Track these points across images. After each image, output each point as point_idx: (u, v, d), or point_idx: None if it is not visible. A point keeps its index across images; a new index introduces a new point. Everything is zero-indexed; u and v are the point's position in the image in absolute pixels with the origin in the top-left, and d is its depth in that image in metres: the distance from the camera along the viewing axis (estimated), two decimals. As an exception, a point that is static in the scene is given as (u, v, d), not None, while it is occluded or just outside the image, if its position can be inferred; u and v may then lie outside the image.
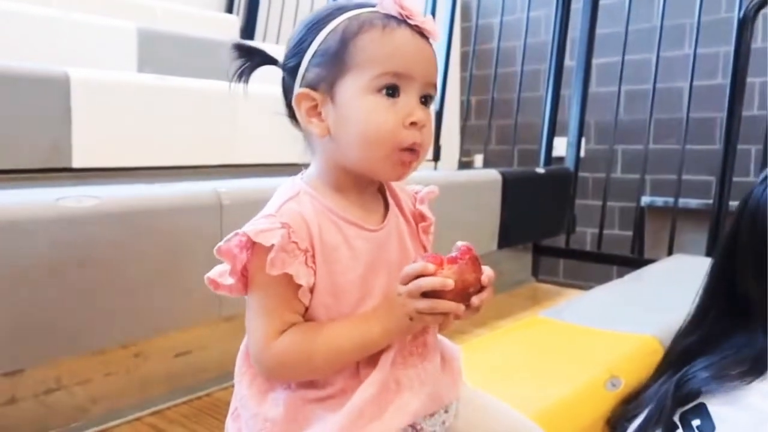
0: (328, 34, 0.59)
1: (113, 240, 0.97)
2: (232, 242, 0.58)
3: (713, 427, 0.75)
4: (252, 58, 0.64)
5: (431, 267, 0.55)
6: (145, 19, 2.15)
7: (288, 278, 0.56)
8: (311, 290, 0.59)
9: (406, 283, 0.56)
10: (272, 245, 0.55)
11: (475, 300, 0.57)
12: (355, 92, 0.58)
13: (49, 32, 1.73)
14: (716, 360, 0.80)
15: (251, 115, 1.62)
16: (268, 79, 0.68)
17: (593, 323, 1.17)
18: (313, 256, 0.58)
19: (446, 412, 0.65)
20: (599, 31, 2.21)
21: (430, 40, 0.60)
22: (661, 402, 0.81)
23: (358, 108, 0.58)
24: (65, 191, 0.96)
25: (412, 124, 0.58)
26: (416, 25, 0.59)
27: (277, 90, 0.65)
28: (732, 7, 1.98)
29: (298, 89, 0.60)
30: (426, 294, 0.55)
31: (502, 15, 2.45)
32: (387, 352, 0.60)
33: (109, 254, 0.96)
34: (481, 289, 0.57)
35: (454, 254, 0.57)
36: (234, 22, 2.78)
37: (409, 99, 0.58)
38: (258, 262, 0.57)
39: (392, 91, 0.58)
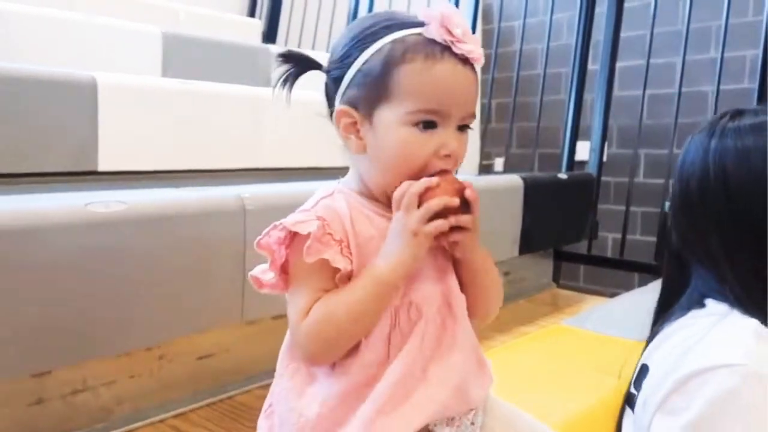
0: (372, 54, 0.59)
1: (139, 244, 0.98)
2: (271, 237, 0.60)
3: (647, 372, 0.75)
4: (298, 64, 0.65)
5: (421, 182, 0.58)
6: (167, 23, 2.17)
7: (325, 264, 0.58)
8: (349, 278, 0.60)
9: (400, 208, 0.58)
10: (309, 233, 0.57)
11: (469, 192, 0.58)
12: (392, 121, 0.59)
13: (75, 36, 1.76)
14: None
15: (275, 119, 1.63)
16: (296, 85, 0.68)
17: (616, 332, 1.16)
18: (348, 246, 0.60)
19: (473, 424, 0.64)
20: (623, 34, 2.18)
21: (479, 64, 0.60)
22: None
23: (393, 137, 0.59)
24: (94, 196, 0.97)
25: (446, 156, 0.59)
26: (461, 54, 0.58)
27: (303, 94, 0.66)
28: (760, 10, 1.95)
29: (339, 105, 0.62)
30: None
31: (525, 17, 2.43)
32: (414, 336, 0.60)
33: (135, 258, 0.98)
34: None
35: None
36: (256, 26, 2.79)
37: (445, 131, 0.59)
38: (297, 255, 0.59)
39: (429, 124, 0.59)
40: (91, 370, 1.00)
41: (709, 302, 0.72)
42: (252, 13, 2.92)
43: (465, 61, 0.59)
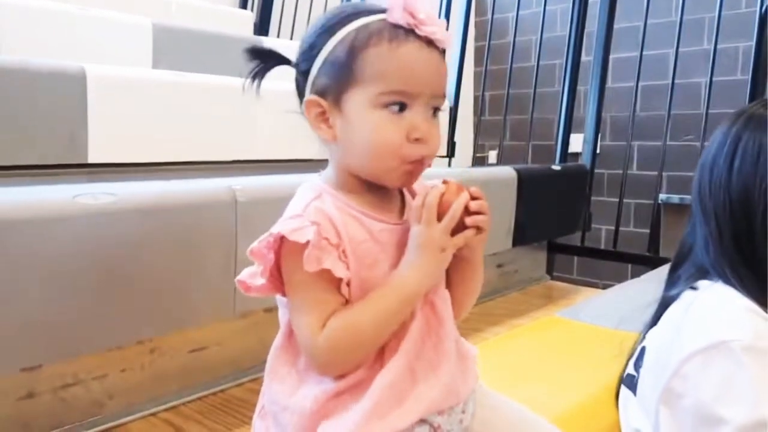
0: (337, 43, 0.60)
1: (129, 237, 0.97)
2: (263, 243, 0.60)
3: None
4: (266, 60, 0.65)
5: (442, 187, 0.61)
6: (159, 14, 2.15)
7: (327, 274, 0.58)
8: (348, 284, 0.59)
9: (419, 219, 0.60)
10: (307, 242, 0.56)
11: (475, 190, 0.62)
12: (361, 105, 0.59)
13: (66, 27, 1.74)
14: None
15: (267, 112, 1.62)
16: (284, 77, 0.68)
17: (610, 324, 1.16)
18: (344, 251, 0.59)
19: (464, 412, 0.65)
20: (616, 25, 2.18)
21: (444, 46, 0.61)
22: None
23: (364, 122, 0.59)
24: (82, 188, 0.96)
25: (417, 139, 0.59)
26: (425, 36, 0.59)
27: (293, 86, 0.65)
28: (753, 2, 1.95)
29: (308, 95, 0.62)
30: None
31: (518, 9, 2.43)
32: (406, 339, 0.61)
33: (125, 251, 0.97)
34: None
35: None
36: (248, 18, 2.78)
37: (414, 114, 0.60)
38: (294, 262, 0.58)
39: (398, 107, 0.59)
40: (82, 363, 0.99)
41: (700, 283, 0.73)
42: (244, 5, 2.90)
43: (430, 43, 0.60)
